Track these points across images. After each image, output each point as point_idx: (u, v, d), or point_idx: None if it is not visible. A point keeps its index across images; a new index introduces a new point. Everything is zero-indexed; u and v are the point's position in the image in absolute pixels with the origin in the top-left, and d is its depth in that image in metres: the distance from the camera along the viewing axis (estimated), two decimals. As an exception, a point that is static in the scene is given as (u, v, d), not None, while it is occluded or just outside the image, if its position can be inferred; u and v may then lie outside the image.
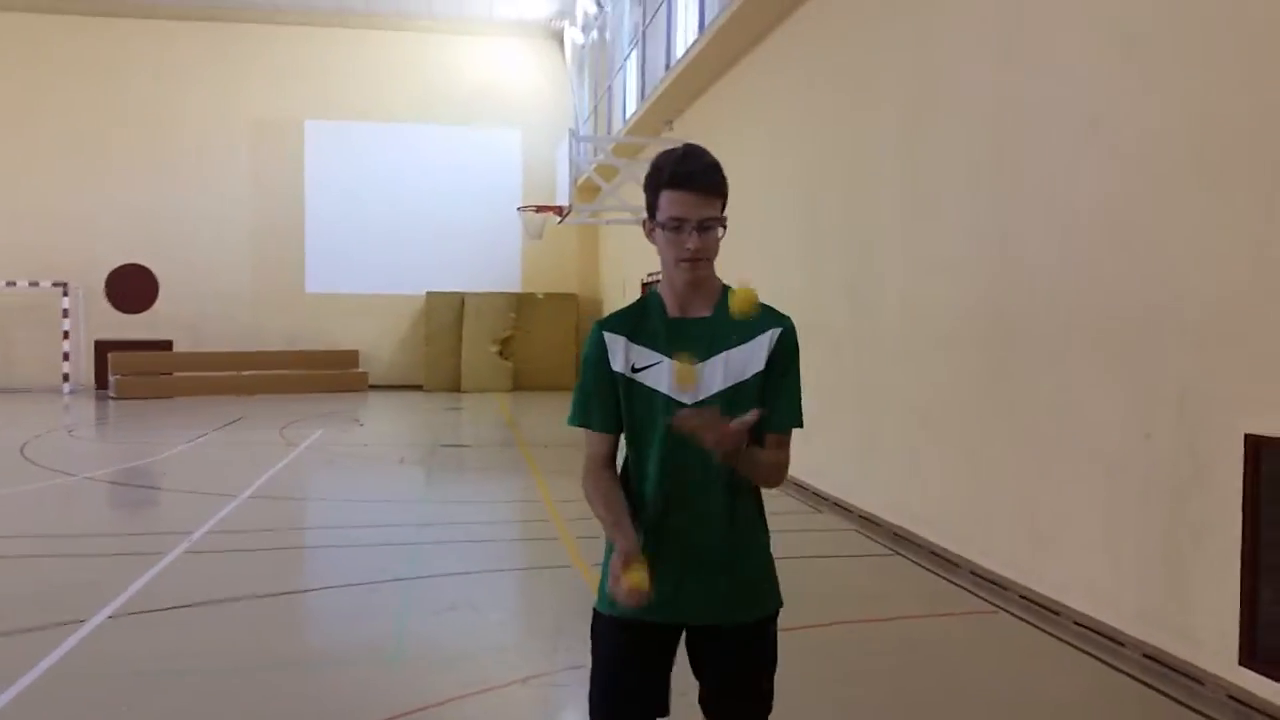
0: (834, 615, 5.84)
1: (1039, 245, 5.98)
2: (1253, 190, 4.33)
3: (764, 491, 2.49)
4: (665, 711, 2.48)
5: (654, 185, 2.36)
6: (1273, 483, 4.20)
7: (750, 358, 2.38)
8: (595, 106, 22.23)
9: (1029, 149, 6.11)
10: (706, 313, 2.41)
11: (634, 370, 2.38)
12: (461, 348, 23.47)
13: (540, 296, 24.07)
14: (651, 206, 2.38)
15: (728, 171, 2.41)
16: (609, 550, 2.46)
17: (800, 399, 2.45)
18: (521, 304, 23.86)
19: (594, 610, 2.51)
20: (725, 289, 2.45)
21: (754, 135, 11.82)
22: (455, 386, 23.40)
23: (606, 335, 2.41)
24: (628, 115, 18.91)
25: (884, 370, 8.16)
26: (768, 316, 2.44)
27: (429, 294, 23.69)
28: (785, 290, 10.06)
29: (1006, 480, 6.33)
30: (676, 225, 2.31)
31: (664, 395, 2.36)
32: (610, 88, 20.89)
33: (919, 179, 7.60)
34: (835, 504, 9.05)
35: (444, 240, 24.04)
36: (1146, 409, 4.96)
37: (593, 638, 2.51)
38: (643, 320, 2.43)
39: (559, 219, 19.30)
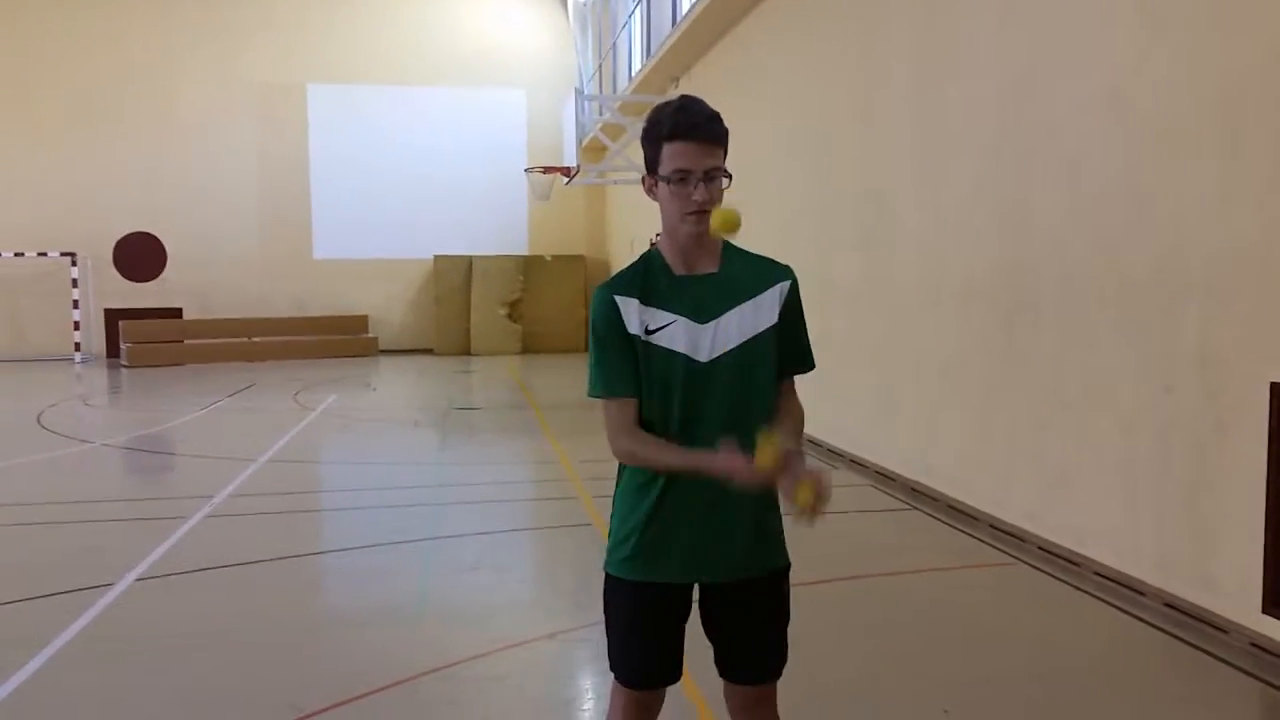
0: (853, 569, 5.88)
1: (1056, 200, 5.94)
2: (1269, 144, 4.28)
3: None
4: (678, 676, 2.48)
5: (654, 138, 2.30)
6: (1298, 431, 4.20)
7: (763, 311, 2.37)
8: (600, 65, 22.00)
9: (1043, 105, 6.05)
10: (713, 269, 2.38)
11: (648, 332, 2.34)
12: (470, 311, 23.48)
13: (548, 259, 24.02)
14: (652, 161, 2.32)
15: (736, 128, 2.37)
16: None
17: (809, 341, 2.49)
18: (529, 266, 23.83)
19: (605, 574, 2.47)
20: (726, 244, 2.42)
21: (763, 90, 11.71)
22: (465, 350, 23.45)
23: (618, 299, 2.35)
24: (633, 73, 18.74)
25: (900, 326, 8.14)
26: (771, 268, 2.43)
27: (437, 257, 23.68)
28: (797, 245, 10.02)
29: (1024, 433, 6.33)
30: (682, 177, 2.26)
31: (681, 355, 2.32)
32: (615, 45, 20.68)
33: (933, 134, 7.53)
34: (851, 460, 9.07)
35: (450, 203, 23.98)
36: (1167, 362, 4.95)
37: (606, 601, 2.49)
38: (649, 280, 2.37)
39: (566, 180, 19.21)
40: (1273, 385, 4.26)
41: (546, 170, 20.01)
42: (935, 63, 7.50)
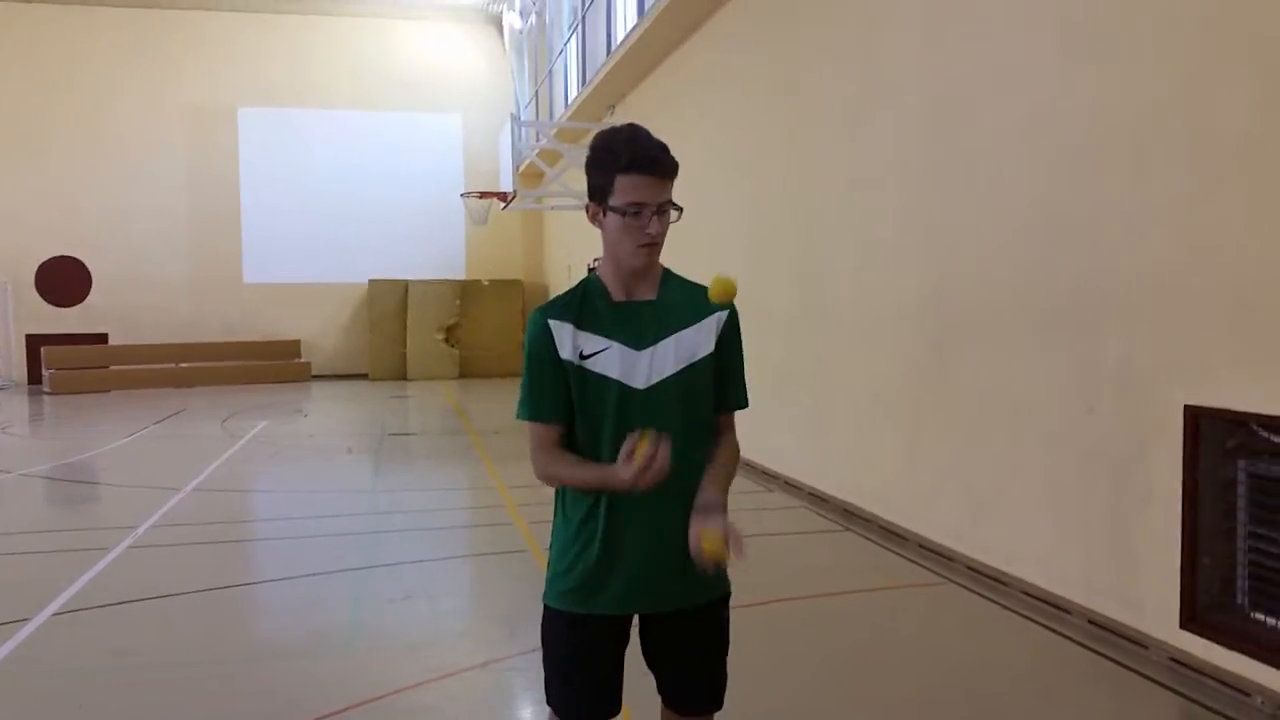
0: (787, 591, 5.92)
1: (980, 226, 6.09)
2: (1184, 172, 4.44)
3: None
4: (618, 709, 2.45)
5: (607, 168, 2.25)
6: (1211, 452, 4.33)
7: (700, 340, 2.36)
8: (536, 91, 22.07)
9: (970, 135, 6.21)
10: (651, 295, 2.37)
11: (583, 357, 2.31)
12: (406, 336, 23.26)
13: (485, 283, 23.93)
14: (601, 190, 2.27)
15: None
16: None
17: (744, 378, 2.48)
18: (466, 291, 23.70)
19: (544, 605, 2.43)
20: (665, 271, 2.42)
21: (697, 119, 11.84)
22: (401, 375, 23.20)
23: (552, 323, 2.32)
24: (569, 100, 18.82)
25: (834, 350, 8.26)
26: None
27: (371, 282, 23.44)
28: (733, 273, 10.10)
29: (953, 456, 6.45)
30: (637, 211, 2.24)
31: (616, 381, 2.30)
32: (551, 72, 20.76)
33: (863, 162, 7.68)
34: (786, 482, 9.14)
35: (386, 227, 23.77)
36: (1088, 385, 5.09)
37: (544, 633, 2.44)
38: (586, 305, 2.35)
39: (503, 205, 19.18)
40: (1186, 408, 4.40)
41: (483, 195, 19.95)
42: (865, 91, 7.66)
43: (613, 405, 2.30)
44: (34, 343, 22.04)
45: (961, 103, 6.31)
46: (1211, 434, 4.33)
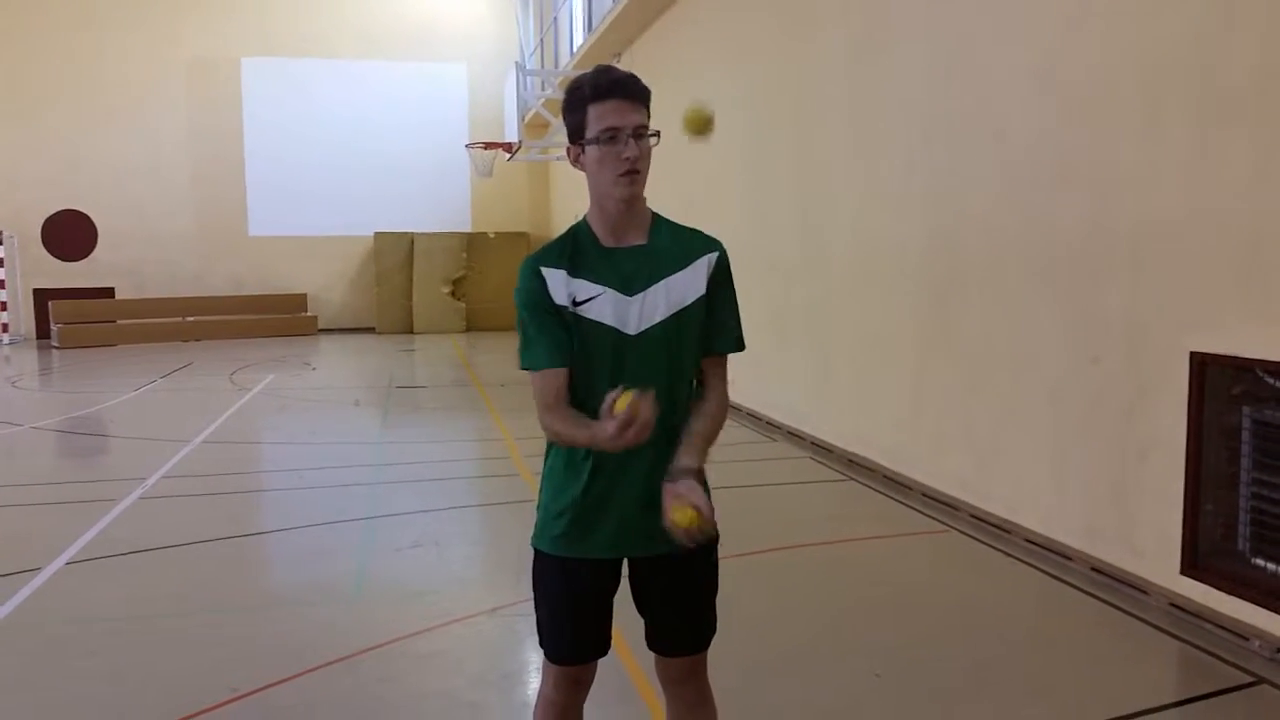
0: (791, 539, 5.96)
1: (985, 173, 6.04)
2: (1192, 118, 4.39)
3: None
4: (607, 649, 2.50)
5: (578, 104, 2.28)
6: (1216, 399, 4.33)
7: (690, 283, 2.35)
8: (541, 39, 21.81)
9: (975, 82, 6.13)
10: (642, 240, 2.36)
11: (576, 304, 2.32)
12: (413, 289, 23.24)
13: (491, 236, 23.84)
14: (578, 127, 2.29)
15: (678, 104, 2.36)
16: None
17: (740, 320, 2.45)
18: (472, 243, 23.62)
19: (534, 549, 2.48)
20: (655, 216, 2.40)
21: (704, 66, 11.70)
22: (408, 328, 23.22)
23: (545, 270, 2.33)
24: (575, 48, 18.60)
25: (837, 299, 8.23)
26: (699, 240, 2.41)
27: (377, 235, 23.37)
28: (736, 222, 10.07)
29: (956, 405, 6.45)
30: (611, 135, 2.23)
31: (609, 327, 2.31)
32: (556, 20, 20.50)
33: (868, 108, 7.59)
34: (789, 433, 9.17)
35: (391, 179, 23.64)
36: (1093, 333, 5.07)
37: (535, 576, 2.50)
38: (577, 252, 2.35)
39: (508, 156, 19.06)
40: (1192, 354, 4.39)
41: (488, 146, 19.82)
42: (871, 37, 7.55)
43: (606, 351, 2.31)
44: (41, 297, 22.08)
45: (968, 48, 6.22)
46: (1217, 380, 4.32)
